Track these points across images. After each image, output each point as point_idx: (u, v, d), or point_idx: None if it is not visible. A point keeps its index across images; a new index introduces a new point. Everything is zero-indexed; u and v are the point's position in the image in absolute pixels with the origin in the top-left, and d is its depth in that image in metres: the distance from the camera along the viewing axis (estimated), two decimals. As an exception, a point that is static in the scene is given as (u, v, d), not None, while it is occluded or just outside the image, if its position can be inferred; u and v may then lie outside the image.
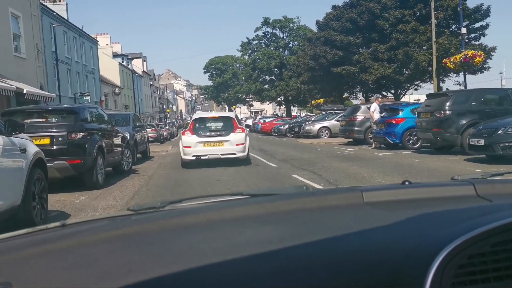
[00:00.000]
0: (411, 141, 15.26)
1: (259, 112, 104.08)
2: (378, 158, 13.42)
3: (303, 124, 28.40)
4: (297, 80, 48.62)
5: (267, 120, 43.64)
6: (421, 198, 1.22)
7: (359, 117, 18.91)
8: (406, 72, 32.13)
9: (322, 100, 56.51)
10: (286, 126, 33.61)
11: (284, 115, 69.18)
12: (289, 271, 0.84)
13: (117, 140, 11.32)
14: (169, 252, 0.94)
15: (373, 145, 17.20)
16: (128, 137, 13.96)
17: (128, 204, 6.49)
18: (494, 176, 1.51)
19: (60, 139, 8.74)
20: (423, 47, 29.80)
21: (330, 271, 0.85)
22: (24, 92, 18.06)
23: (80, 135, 8.88)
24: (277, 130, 34.85)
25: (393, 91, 37.24)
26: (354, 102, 45.80)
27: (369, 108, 18.28)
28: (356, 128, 18.86)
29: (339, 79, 37.01)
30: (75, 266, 0.90)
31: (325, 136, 26.46)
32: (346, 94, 46.15)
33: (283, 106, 74.85)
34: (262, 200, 1.31)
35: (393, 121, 15.59)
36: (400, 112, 15.79)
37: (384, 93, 40.36)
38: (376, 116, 16.92)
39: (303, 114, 76.51)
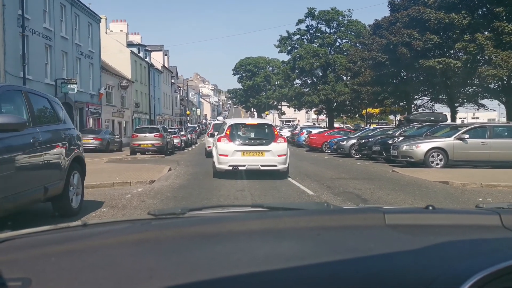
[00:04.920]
0: None
1: (291, 121, 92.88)
2: None
3: (393, 142, 17.05)
4: (353, 81, 37.28)
5: (314, 130, 32.18)
6: (445, 225, 1.18)
7: None
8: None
9: (377, 110, 44.98)
10: (351, 142, 22.36)
11: (322, 125, 57.65)
12: None
13: None
14: (188, 261, 0.93)
15: None
16: None
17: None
18: None
19: None
20: None
21: None
22: None
23: None
24: (337, 146, 23.51)
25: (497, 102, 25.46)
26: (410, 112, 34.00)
27: None
28: None
29: (428, 78, 25.58)
30: (95, 267, 0.89)
31: (437, 164, 15.14)
32: (416, 102, 34.46)
33: (324, 115, 63.16)
34: (283, 215, 1.27)
35: None
36: None
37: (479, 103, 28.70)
38: None
39: (342, 125, 64.98)
